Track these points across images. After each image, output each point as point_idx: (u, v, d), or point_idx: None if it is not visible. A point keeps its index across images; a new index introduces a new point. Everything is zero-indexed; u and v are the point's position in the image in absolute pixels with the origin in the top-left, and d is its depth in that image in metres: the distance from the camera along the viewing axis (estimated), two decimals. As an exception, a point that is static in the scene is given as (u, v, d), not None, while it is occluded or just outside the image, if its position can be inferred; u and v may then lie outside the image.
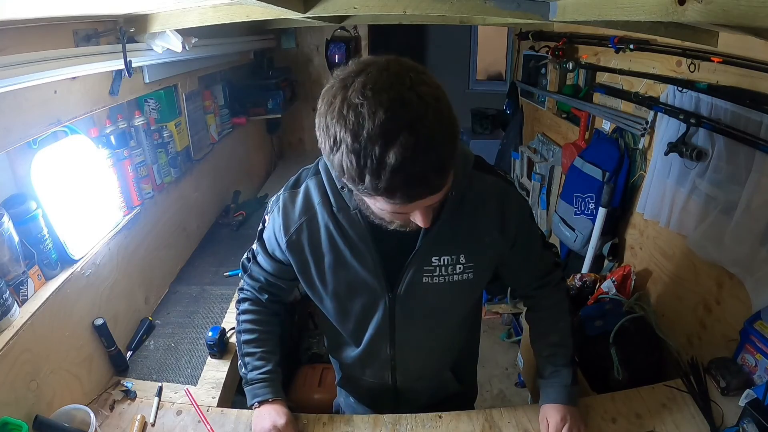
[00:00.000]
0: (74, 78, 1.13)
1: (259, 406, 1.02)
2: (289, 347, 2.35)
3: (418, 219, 0.72)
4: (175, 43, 1.32)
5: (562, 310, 1.08)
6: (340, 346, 1.09)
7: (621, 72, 1.80)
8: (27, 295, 1.05)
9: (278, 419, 0.99)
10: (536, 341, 1.11)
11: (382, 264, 0.88)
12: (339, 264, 0.90)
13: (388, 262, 0.89)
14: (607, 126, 2.00)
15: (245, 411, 1.16)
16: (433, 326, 1.00)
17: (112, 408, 1.18)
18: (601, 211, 1.87)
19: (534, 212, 1.96)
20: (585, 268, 1.98)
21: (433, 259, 0.89)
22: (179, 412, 1.17)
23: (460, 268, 0.90)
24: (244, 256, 1.07)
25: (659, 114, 1.59)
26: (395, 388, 1.11)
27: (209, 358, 1.35)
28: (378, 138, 0.59)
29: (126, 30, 1.23)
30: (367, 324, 0.97)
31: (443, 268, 0.89)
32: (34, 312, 1.02)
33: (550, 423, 1.01)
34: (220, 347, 1.35)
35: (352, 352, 1.06)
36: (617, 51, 1.70)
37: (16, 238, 1.00)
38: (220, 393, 1.24)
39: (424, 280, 0.90)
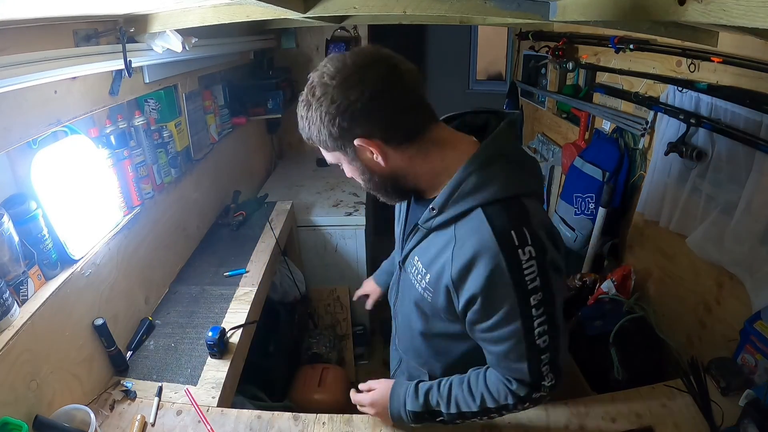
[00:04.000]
0: (74, 78, 1.13)
1: None
2: (289, 347, 2.36)
3: None
4: (175, 43, 1.32)
5: (490, 398, 0.89)
6: None
7: (621, 72, 1.80)
8: (27, 295, 1.05)
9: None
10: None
11: (403, 234, 0.99)
12: (397, 214, 1.06)
13: (406, 236, 0.97)
14: (607, 126, 2.00)
15: (245, 411, 1.16)
16: (410, 314, 1.00)
17: (112, 408, 1.18)
18: (601, 211, 1.87)
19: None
20: (585, 268, 1.99)
21: (415, 259, 0.91)
22: (179, 412, 1.17)
23: (424, 283, 0.88)
24: None
25: (659, 114, 1.59)
26: (397, 349, 1.15)
27: (209, 358, 1.35)
28: None
29: (126, 30, 1.23)
30: (395, 274, 1.09)
31: (417, 271, 0.91)
32: (34, 312, 1.02)
33: (374, 384, 1.06)
34: (220, 347, 1.35)
35: None
36: (617, 51, 1.70)
37: (16, 238, 1.00)
38: (220, 393, 1.24)
39: (409, 270, 0.95)
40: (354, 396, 1.08)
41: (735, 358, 1.22)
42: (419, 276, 0.90)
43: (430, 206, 0.83)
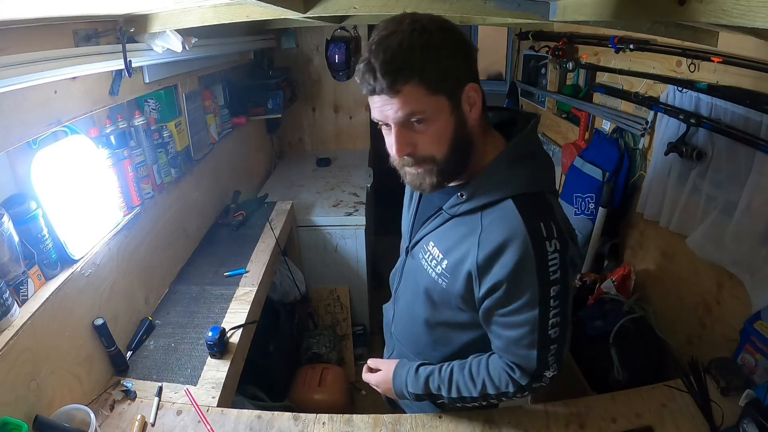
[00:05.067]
0: (74, 78, 1.12)
1: None
2: (289, 347, 2.36)
3: (391, 140, 0.79)
4: (175, 43, 1.32)
5: (496, 377, 0.90)
6: None
7: (621, 72, 1.80)
8: (27, 295, 1.05)
9: None
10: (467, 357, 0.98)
11: (415, 220, 1.00)
12: (405, 201, 1.07)
13: (418, 220, 0.98)
14: (607, 126, 2.00)
15: (245, 411, 1.16)
16: (414, 302, 1.02)
17: (112, 408, 1.18)
18: (601, 211, 1.87)
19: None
20: (585, 268, 1.98)
21: (431, 243, 0.91)
22: (179, 412, 1.17)
23: (439, 269, 0.89)
24: None
25: (659, 114, 1.59)
26: (392, 336, 1.15)
27: (209, 358, 1.35)
28: (370, 40, 0.75)
29: (126, 30, 1.23)
30: (400, 255, 1.10)
31: (431, 257, 0.91)
32: (34, 312, 1.02)
33: (382, 366, 1.07)
34: (220, 347, 1.35)
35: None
36: (617, 51, 1.70)
37: (16, 238, 1.00)
38: (220, 393, 1.24)
39: (419, 254, 0.95)
40: (364, 375, 1.11)
41: (735, 358, 1.22)
42: (433, 262, 0.90)
43: (459, 192, 0.84)
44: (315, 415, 1.14)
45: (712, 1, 0.69)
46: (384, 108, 0.76)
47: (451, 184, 0.87)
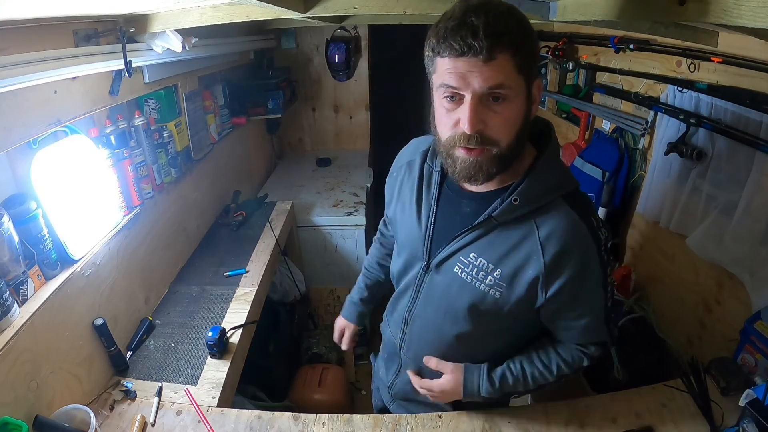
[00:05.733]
0: (74, 78, 1.12)
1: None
2: (289, 347, 2.36)
3: (464, 113, 0.73)
4: (175, 43, 1.32)
5: (566, 366, 0.96)
6: (393, 277, 1.13)
7: (621, 72, 1.80)
8: (27, 295, 1.05)
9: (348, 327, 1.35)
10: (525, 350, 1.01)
11: (433, 229, 0.93)
12: (408, 211, 0.98)
13: (438, 232, 0.93)
14: (607, 126, 2.00)
15: (245, 411, 1.16)
16: (442, 319, 0.97)
17: (112, 408, 1.18)
18: (601, 211, 1.87)
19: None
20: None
21: (472, 255, 0.87)
22: (179, 412, 1.17)
23: (491, 280, 0.86)
24: None
25: (659, 114, 1.59)
26: (400, 356, 1.11)
27: (209, 358, 1.35)
28: (458, 5, 0.72)
29: (126, 30, 1.23)
30: (406, 273, 1.03)
31: (476, 269, 0.87)
32: (34, 312, 1.02)
33: (445, 368, 1.01)
34: (220, 347, 1.35)
35: (394, 291, 1.12)
36: (617, 51, 1.70)
37: (16, 238, 1.00)
38: (220, 393, 1.24)
39: (455, 269, 0.90)
40: (421, 382, 1.05)
41: (735, 358, 1.22)
42: (481, 274, 0.87)
43: (512, 198, 0.82)
44: (315, 415, 1.14)
45: (712, 1, 0.69)
46: (470, 74, 0.70)
47: (486, 189, 0.87)
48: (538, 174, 0.83)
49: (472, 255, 0.87)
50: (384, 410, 1.28)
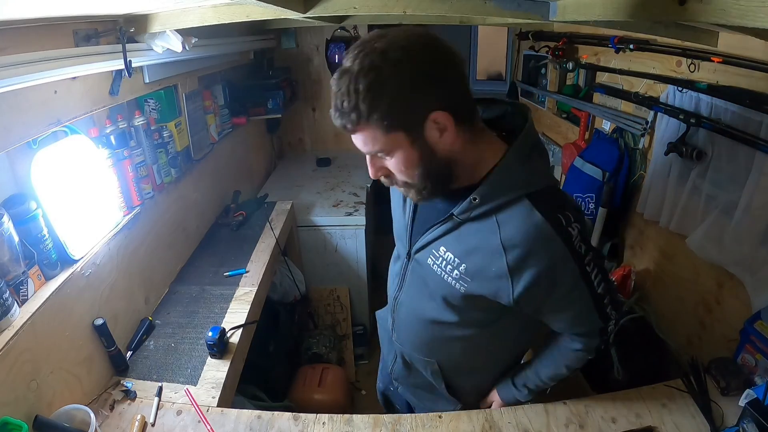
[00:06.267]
0: (74, 78, 1.12)
1: None
2: (289, 347, 2.36)
3: None
4: (175, 43, 1.32)
5: (573, 359, 1.03)
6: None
7: (621, 72, 1.80)
8: (27, 295, 1.05)
9: None
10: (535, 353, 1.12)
11: (413, 225, 0.99)
12: (397, 202, 1.05)
13: (418, 223, 0.97)
14: (607, 126, 2.00)
15: (245, 411, 1.16)
16: (422, 307, 1.02)
17: (112, 408, 1.18)
18: (601, 211, 1.87)
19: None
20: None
21: (442, 248, 0.90)
22: (179, 412, 1.17)
23: (456, 274, 0.89)
24: None
25: (659, 114, 1.59)
26: (394, 343, 1.17)
27: (209, 358, 1.35)
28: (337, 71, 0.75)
29: (126, 30, 1.23)
30: (396, 262, 1.11)
31: (445, 262, 0.90)
32: (34, 312, 1.02)
33: (490, 399, 1.18)
34: (220, 347, 1.35)
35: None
36: (617, 51, 1.70)
37: (16, 238, 1.00)
38: (220, 393, 1.24)
39: (428, 261, 0.93)
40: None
41: (735, 358, 1.22)
42: (448, 267, 0.89)
43: (471, 196, 0.82)
44: (315, 415, 1.14)
45: (712, 1, 0.69)
46: (355, 139, 0.78)
47: (458, 185, 0.86)
48: (499, 172, 0.82)
49: (441, 249, 0.90)
50: (385, 392, 1.40)
